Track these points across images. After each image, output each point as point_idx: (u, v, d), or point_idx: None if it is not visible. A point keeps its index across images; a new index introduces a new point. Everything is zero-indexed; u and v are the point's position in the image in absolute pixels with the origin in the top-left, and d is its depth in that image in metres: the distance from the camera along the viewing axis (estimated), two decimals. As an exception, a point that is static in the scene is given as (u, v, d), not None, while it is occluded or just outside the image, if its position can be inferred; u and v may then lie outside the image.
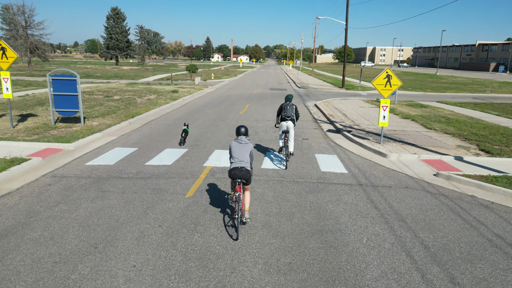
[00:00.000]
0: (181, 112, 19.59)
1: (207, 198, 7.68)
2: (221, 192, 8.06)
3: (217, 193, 7.96)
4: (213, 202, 7.48)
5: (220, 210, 7.09)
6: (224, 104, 23.43)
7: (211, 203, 7.42)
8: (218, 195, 7.85)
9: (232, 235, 6.14)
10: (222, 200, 7.62)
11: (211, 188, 8.28)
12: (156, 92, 28.11)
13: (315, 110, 22.38)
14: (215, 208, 7.18)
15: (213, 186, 8.38)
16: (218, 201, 7.54)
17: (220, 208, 7.18)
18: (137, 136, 13.55)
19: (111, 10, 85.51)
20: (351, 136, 14.04)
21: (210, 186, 8.38)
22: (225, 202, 7.52)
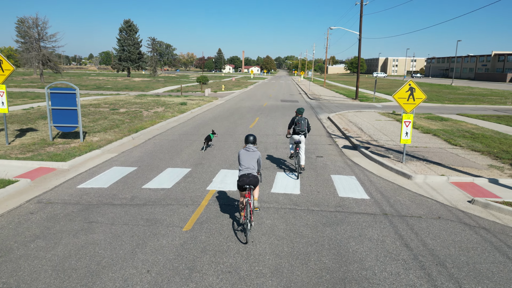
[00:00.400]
0: (187, 126, 18.70)
1: (207, 232, 6.61)
2: (223, 224, 7.00)
3: (219, 226, 6.89)
4: (214, 238, 6.41)
5: (222, 249, 6.02)
6: (233, 117, 22.49)
7: (211, 239, 6.35)
8: (220, 229, 6.78)
9: (242, 240, 6.41)
10: (225, 235, 6.56)
11: (212, 219, 7.22)
12: (164, 104, 27.38)
13: (329, 123, 21.25)
14: (216, 247, 6.11)
15: (215, 217, 7.33)
16: (220, 236, 6.47)
17: (222, 247, 6.11)
18: (139, 153, 12.63)
19: (124, 22, 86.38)
20: (370, 154, 12.86)
21: (211, 217, 7.32)
22: (228, 238, 6.44)
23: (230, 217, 7.34)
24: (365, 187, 9.43)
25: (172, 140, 15.06)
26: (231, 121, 20.93)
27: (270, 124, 19.86)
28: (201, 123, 19.95)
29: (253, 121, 20.87)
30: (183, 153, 12.79)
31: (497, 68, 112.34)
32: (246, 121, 21.05)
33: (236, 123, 20.16)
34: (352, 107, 30.48)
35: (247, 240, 6.25)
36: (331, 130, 18.83)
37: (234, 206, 7.92)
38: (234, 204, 8.05)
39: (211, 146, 14.05)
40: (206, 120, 20.94)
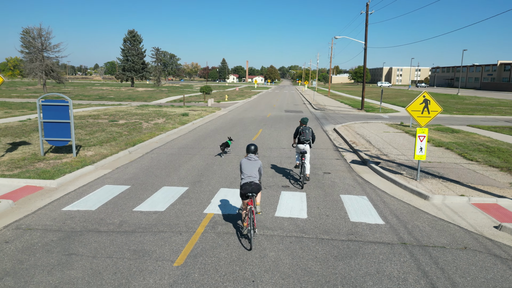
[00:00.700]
0: (188, 139, 17.96)
1: (202, 268, 5.77)
2: (221, 258, 6.15)
3: (216, 260, 6.04)
4: (209, 276, 5.57)
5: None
6: (236, 129, 21.74)
7: (205, 278, 5.50)
8: (217, 264, 5.94)
9: (246, 246, 6.56)
10: (222, 272, 5.71)
11: (208, 250, 6.39)
12: (165, 115, 26.72)
13: (335, 135, 20.42)
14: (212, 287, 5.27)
15: (212, 247, 6.49)
16: (216, 274, 5.63)
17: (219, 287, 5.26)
18: (134, 169, 11.85)
19: (128, 32, 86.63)
20: (381, 170, 12.00)
21: (207, 248, 6.48)
22: (226, 276, 5.60)
23: (228, 247, 6.51)
24: (378, 210, 8.56)
25: (171, 154, 14.29)
26: (233, 133, 20.17)
27: (274, 136, 19.07)
28: (202, 135, 19.20)
29: (256, 133, 20.09)
30: (181, 169, 12.00)
31: (503, 77, 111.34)
32: (249, 133, 20.27)
33: (239, 135, 19.39)
34: (358, 118, 29.65)
35: (252, 246, 6.46)
36: (338, 143, 17.99)
37: (233, 233, 7.08)
38: (234, 231, 7.21)
39: (228, 153, 14.63)
40: (208, 132, 20.19)
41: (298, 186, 10.36)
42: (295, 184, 10.43)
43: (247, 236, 6.89)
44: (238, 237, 6.95)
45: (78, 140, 15.99)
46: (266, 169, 12.17)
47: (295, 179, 11.07)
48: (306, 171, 10.36)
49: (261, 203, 8.46)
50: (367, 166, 13.09)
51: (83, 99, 46.50)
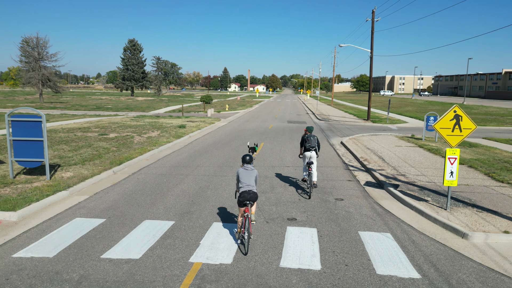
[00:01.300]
0: (182, 155, 16.33)
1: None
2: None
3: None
4: None
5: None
6: (235, 143, 20.11)
7: None
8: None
9: (243, 251, 6.81)
10: None
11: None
12: (161, 127, 25.15)
13: (343, 150, 18.75)
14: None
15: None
16: None
17: None
18: (115, 196, 10.20)
19: (128, 41, 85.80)
20: (401, 196, 10.31)
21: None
22: None
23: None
24: (409, 255, 6.86)
25: (161, 174, 12.65)
26: (232, 147, 18.55)
27: (276, 152, 17.43)
28: (199, 150, 17.57)
29: (258, 148, 18.46)
30: (170, 194, 10.34)
31: (508, 86, 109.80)
32: (250, 147, 18.67)
33: (238, 150, 17.76)
34: (366, 130, 28.01)
35: (247, 251, 6.74)
36: (348, 159, 16.32)
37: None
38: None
39: (254, 160, 14.61)
40: (205, 147, 18.57)
41: (306, 196, 10.41)
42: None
43: (242, 241, 7.09)
44: (235, 241, 7.35)
45: (59, 157, 14.38)
46: (268, 195, 10.51)
47: (303, 189, 10.75)
48: (313, 178, 10.67)
49: (262, 245, 7.20)
50: (384, 189, 11.40)
51: (79, 109, 45.14)
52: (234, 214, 8.90)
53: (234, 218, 8.60)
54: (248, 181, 7.08)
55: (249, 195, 6.90)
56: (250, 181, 7.11)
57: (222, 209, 9.21)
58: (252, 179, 7.15)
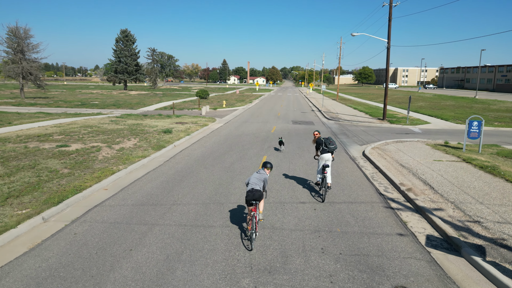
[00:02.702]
0: (157, 180, 12.08)
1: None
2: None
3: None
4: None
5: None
6: (230, 156, 15.85)
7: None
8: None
9: (248, 247, 7.17)
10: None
11: None
12: (142, 132, 20.84)
13: (370, 168, 14.48)
14: None
15: None
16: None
17: None
18: (14, 284, 5.98)
19: (121, 32, 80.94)
20: (503, 279, 6.08)
21: None
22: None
23: None
24: None
25: (113, 224, 8.40)
26: (226, 164, 14.30)
27: (284, 170, 13.18)
28: (181, 170, 13.31)
29: (259, 165, 14.23)
30: (114, 275, 6.11)
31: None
32: (248, 163, 14.39)
33: (234, 169, 13.52)
34: (385, 133, 23.73)
35: (252, 247, 7.10)
36: (381, 185, 12.06)
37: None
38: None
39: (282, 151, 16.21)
40: (190, 164, 14.30)
41: (319, 199, 10.15)
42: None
43: (249, 238, 7.31)
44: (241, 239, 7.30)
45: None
46: (277, 269, 6.28)
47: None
48: (328, 180, 10.33)
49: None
50: (464, 258, 7.15)
51: (61, 106, 40.81)
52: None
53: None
54: (254, 181, 7.42)
55: (252, 193, 7.20)
56: (257, 182, 7.48)
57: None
58: (259, 180, 7.53)
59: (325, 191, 10.06)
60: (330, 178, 10.44)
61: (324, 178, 10.12)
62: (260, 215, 7.42)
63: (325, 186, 10.07)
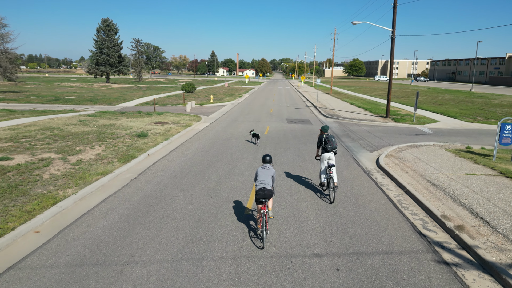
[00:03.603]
0: (114, 212, 8.89)
1: None
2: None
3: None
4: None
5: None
6: (217, 170, 12.71)
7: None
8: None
9: (259, 246, 7.11)
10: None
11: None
12: (111, 137, 17.51)
13: (391, 186, 11.50)
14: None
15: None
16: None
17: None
18: None
19: (102, 21, 76.31)
20: None
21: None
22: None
23: None
24: None
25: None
26: (210, 183, 11.17)
27: (285, 199, 10.13)
28: (149, 195, 10.14)
29: (252, 182, 11.16)
30: None
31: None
32: (239, 181, 11.30)
33: (219, 192, 10.40)
34: (393, 134, 20.83)
35: (264, 245, 7.04)
36: (414, 214, 9.09)
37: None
38: None
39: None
40: (163, 185, 11.12)
41: (327, 200, 9.74)
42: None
43: (259, 236, 7.40)
44: (250, 238, 7.35)
45: None
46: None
47: None
48: (335, 180, 9.66)
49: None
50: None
51: (31, 102, 36.98)
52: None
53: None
54: (264, 179, 7.34)
55: (264, 193, 7.14)
56: (267, 178, 7.35)
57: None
58: (268, 177, 7.39)
59: (333, 191, 9.62)
60: (336, 178, 9.86)
61: (330, 179, 9.72)
62: (270, 213, 7.38)
63: (332, 187, 9.64)
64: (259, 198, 7.15)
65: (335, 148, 10.09)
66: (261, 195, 7.13)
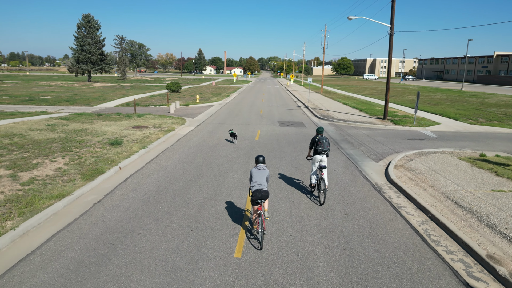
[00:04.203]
0: (60, 260, 6.71)
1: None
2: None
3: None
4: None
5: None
6: (200, 189, 10.60)
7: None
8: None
9: (257, 247, 7.08)
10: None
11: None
12: (79, 145, 15.21)
13: (410, 208, 9.57)
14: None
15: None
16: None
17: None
18: None
19: (83, 17, 72.94)
20: None
21: None
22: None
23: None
24: None
25: None
26: (191, 209, 9.05)
27: (285, 227, 8.11)
28: (111, 230, 7.96)
29: (244, 205, 9.10)
30: None
31: (500, 70, 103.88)
32: (227, 206, 9.22)
33: (203, 223, 8.30)
34: (395, 139, 19.00)
35: (262, 246, 7.06)
36: (450, 252, 7.17)
37: None
38: None
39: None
40: (132, 212, 8.96)
41: (316, 202, 9.60)
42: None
43: (256, 237, 7.51)
44: (247, 238, 7.34)
45: None
46: None
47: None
48: (326, 183, 9.49)
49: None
50: None
51: (2, 102, 34.23)
52: None
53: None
54: (259, 180, 7.37)
55: (260, 194, 7.17)
56: (262, 180, 7.40)
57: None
58: (263, 178, 7.44)
59: (324, 193, 9.49)
60: (327, 180, 9.83)
61: (321, 180, 9.54)
62: (266, 213, 7.35)
63: (323, 189, 9.48)
64: (256, 199, 7.18)
65: (325, 150, 9.88)
66: (257, 196, 7.16)
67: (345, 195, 10.41)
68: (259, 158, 7.69)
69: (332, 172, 12.82)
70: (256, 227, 7.21)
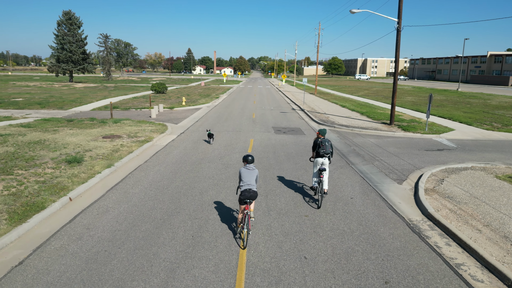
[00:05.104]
0: None
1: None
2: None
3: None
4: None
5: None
6: (174, 233, 7.62)
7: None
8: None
9: (241, 246, 7.06)
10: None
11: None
12: (26, 164, 12.04)
13: (469, 263, 6.71)
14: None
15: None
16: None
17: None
18: None
19: (63, 14, 69.03)
20: None
21: None
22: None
23: None
24: None
25: None
26: (155, 280, 6.07)
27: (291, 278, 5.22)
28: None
29: (235, 269, 6.17)
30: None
31: (493, 70, 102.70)
32: (210, 267, 6.28)
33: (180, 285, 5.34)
34: (409, 149, 16.17)
35: (245, 245, 7.09)
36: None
37: None
38: None
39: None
40: (64, 286, 5.92)
41: (314, 205, 9.43)
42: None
43: (240, 236, 7.49)
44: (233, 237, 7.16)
45: None
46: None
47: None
48: (324, 186, 9.64)
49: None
50: None
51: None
52: None
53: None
54: (249, 180, 7.34)
55: (249, 194, 7.18)
56: (251, 180, 7.37)
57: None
58: (253, 179, 7.40)
59: (321, 196, 9.27)
60: (327, 184, 9.77)
61: (320, 183, 9.30)
62: (251, 213, 7.23)
63: (321, 191, 9.27)
64: (244, 199, 7.17)
65: (327, 153, 9.74)
66: (246, 196, 7.18)
67: (375, 243, 7.52)
68: (248, 157, 7.58)
69: (349, 201, 9.93)
70: (242, 226, 7.19)
